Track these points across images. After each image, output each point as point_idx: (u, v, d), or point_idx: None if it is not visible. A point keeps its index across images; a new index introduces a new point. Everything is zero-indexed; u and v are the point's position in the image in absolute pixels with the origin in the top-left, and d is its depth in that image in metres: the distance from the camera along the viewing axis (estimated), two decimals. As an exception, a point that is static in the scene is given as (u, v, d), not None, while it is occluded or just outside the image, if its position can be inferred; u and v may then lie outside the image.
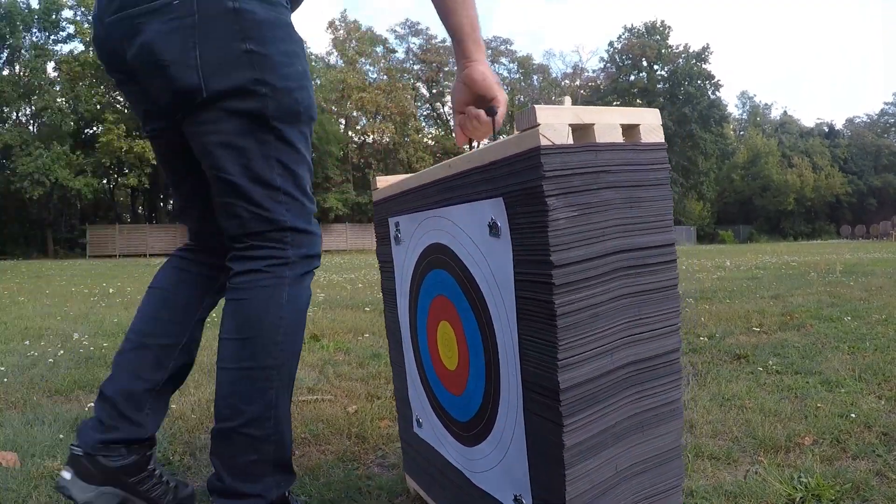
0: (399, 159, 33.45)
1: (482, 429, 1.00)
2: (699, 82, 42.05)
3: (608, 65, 44.75)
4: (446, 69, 41.37)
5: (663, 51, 42.33)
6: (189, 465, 1.54)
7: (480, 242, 0.93)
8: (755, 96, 79.99)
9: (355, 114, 35.42)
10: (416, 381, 1.24)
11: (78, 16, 27.70)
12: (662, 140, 0.86)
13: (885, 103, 55.29)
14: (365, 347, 3.07)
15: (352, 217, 33.26)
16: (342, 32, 36.90)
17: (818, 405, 1.86)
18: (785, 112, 58.74)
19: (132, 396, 1.20)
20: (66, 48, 35.05)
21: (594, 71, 47.63)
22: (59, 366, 2.68)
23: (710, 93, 42.82)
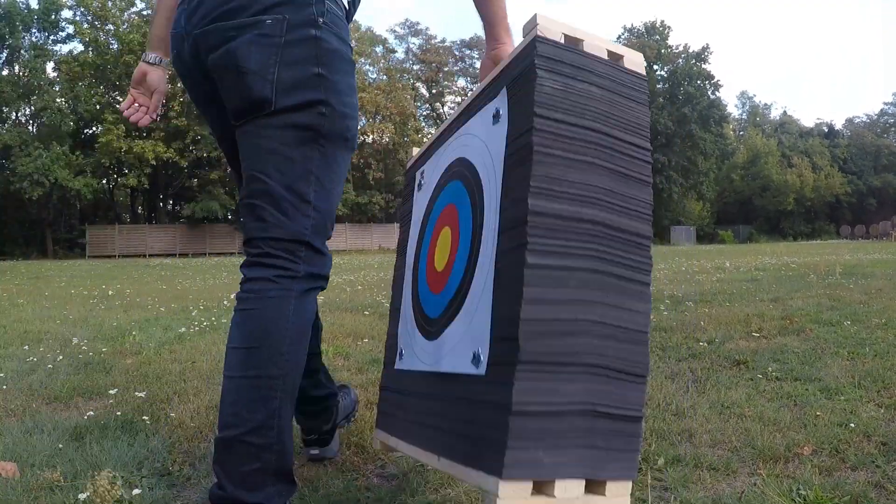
0: (399, 159, 33.41)
1: (454, 310, 1.03)
2: (699, 82, 42.02)
3: (608, 65, 44.73)
4: (446, 69, 41.41)
5: (663, 51, 42.33)
6: (189, 476, 1.54)
7: (485, 134, 1.03)
8: (755, 96, 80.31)
9: (355, 114, 35.33)
10: (408, 312, 1.27)
11: (77, 16, 27.72)
12: (644, 73, 0.95)
13: (885, 103, 55.37)
14: (364, 353, 3.07)
15: (351, 217, 33.27)
16: (342, 32, 36.83)
17: (817, 413, 1.86)
18: (785, 112, 58.93)
19: None
20: (66, 48, 35.16)
21: (594, 71, 47.56)
22: (59, 371, 2.68)
23: (710, 93, 42.78)
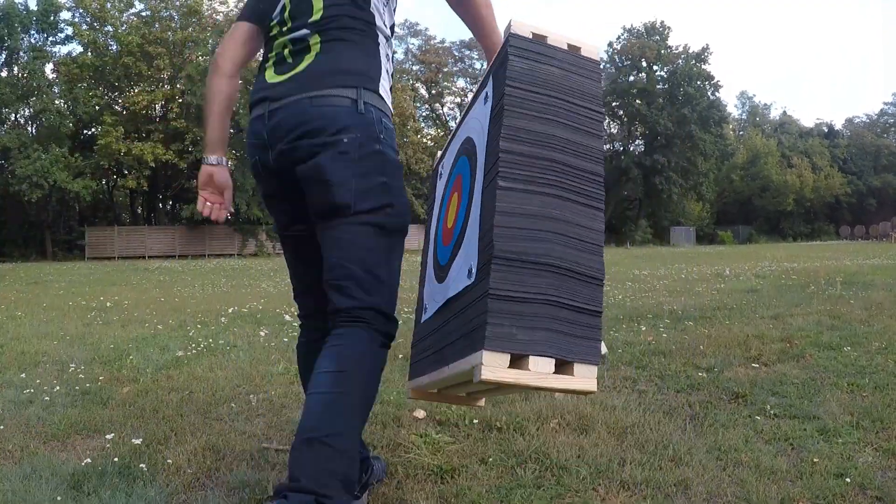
0: (398, 159, 33.32)
1: (457, 248, 1.36)
2: (699, 83, 41.92)
3: (607, 65, 44.68)
4: (445, 70, 41.37)
5: (663, 51, 42.23)
6: (185, 533, 1.53)
7: (481, 115, 1.33)
8: (755, 96, 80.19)
9: (354, 115, 35.21)
10: (430, 272, 1.63)
11: (76, 17, 27.65)
12: (597, 58, 1.26)
13: (885, 103, 55.06)
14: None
15: (351, 218, 33.15)
16: (341, 33, 36.74)
17: (814, 460, 1.86)
18: (784, 112, 58.65)
19: None
20: (65, 50, 35.15)
21: (594, 71, 47.46)
22: (56, 404, 2.68)
23: (710, 93, 42.69)
